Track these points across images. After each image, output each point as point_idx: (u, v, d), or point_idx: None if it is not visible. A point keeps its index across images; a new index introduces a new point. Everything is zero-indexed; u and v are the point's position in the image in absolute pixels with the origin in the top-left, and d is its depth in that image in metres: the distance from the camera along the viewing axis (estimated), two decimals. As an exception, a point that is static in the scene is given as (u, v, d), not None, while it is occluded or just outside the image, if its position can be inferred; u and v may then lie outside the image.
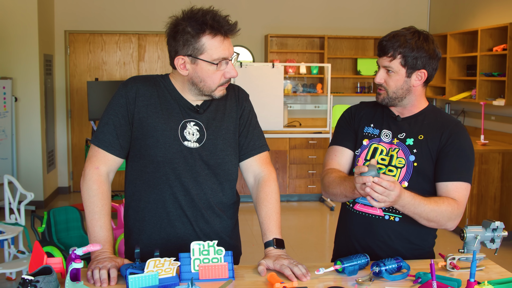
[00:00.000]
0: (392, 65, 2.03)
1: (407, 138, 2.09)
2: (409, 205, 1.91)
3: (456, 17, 7.19)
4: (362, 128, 2.17)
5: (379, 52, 2.07)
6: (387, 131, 2.13)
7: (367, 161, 2.11)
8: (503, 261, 3.52)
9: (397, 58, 2.02)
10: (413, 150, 2.07)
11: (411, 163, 2.06)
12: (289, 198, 7.30)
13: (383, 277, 1.82)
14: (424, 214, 1.94)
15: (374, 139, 2.14)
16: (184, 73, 1.92)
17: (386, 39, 2.04)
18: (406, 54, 2.01)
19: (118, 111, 1.96)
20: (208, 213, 2.01)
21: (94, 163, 1.96)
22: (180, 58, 1.90)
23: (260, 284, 1.78)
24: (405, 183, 2.06)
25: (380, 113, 2.18)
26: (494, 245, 2.03)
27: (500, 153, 5.56)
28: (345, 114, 2.26)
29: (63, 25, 7.37)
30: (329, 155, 2.22)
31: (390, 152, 2.09)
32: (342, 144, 2.19)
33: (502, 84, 5.99)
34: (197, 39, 1.86)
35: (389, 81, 2.06)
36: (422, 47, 2.01)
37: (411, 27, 2.07)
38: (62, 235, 3.92)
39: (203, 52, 1.88)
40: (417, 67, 2.03)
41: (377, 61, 2.09)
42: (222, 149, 2.01)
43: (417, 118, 2.12)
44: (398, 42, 2.01)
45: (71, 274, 1.68)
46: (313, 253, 5.21)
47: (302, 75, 7.65)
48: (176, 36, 1.89)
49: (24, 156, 6.58)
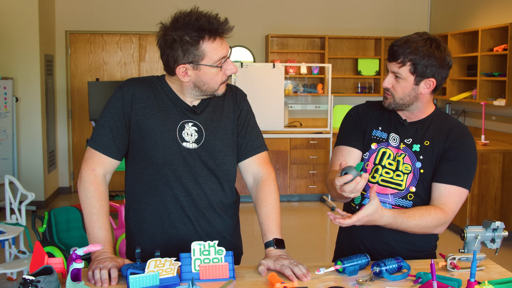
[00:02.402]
0: (401, 72, 1.98)
1: (413, 144, 2.07)
2: (393, 224, 1.91)
3: (456, 17, 7.19)
4: (370, 131, 2.13)
5: (389, 57, 2.01)
6: (395, 135, 2.10)
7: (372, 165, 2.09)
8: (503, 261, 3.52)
9: (406, 64, 1.96)
10: (419, 157, 2.05)
11: (417, 170, 2.04)
12: (290, 198, 7.30)
13: (384, 277, 1.82)
14: (410, 229, 1.95)
15: (383, 143, 2.10)
16: (186, 79, 1.92)
17: (397, 44, 1.98)
18: (416, 62, 1.95)
19: (115, 113, 1.95)
20: (210, 213, 2.01)
21: (90, 165, 1.96)
22: (181, 67, 1.89)
23: (261, 284, 1.78)
24: (413, 188, 2.05)
25: (387, 116, 2.14)
26: (495, 245, 2.03)
27: (501, 153, 5.56)
28: (352, 113, 2.20)
29: (64, 25, 7.37)
30: (336, 155, 2.16)
31: (396, 157, 2.07)
32: (350, 144, 2.13)
33: (502, 84, 5.99)
34: (197, 47, 1.85)
35: (397, 87, 2.01)
36: (433, 55, 1.95)
37: (424, 33, 1.99)
38: (63, 235, 3.92)
39: (204, 57, 1.87)
40: (426, 75, 1.97)
41: (387, 65, 2.04)
42: (220, 149, 2.01)
43: (424, 123, 2.09)
44: (410, 48, 1.94)
45: (72, 274, 1.68)
46: (314, 253, 5.21)
47: (302, 75, 7.65)
48: (173, 45, 1.86)
49: (25, 156, 6.58)
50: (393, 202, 2.06)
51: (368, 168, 2.09)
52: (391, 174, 2.07)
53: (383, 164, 2.08)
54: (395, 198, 2.06)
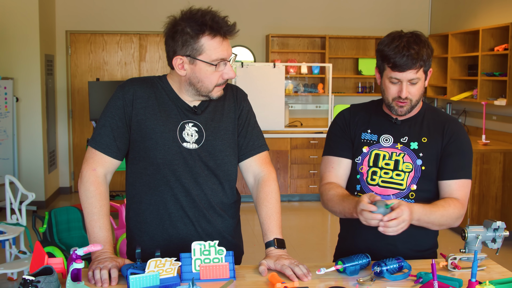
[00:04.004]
0: (418, 76, 1.96)
1: (410, 142, 2.07)
2: (423, 217, 1.91)
3: (457, 17, 7.18)
4: (359, 135, 2.12)
5: (401, 68, 1.93)
6: (387, 136, 2.10)
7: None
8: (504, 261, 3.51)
9: (421, 66, 1.95)
10: (419, 154, 2.05)
11: (419, 167, 2.05)
12: (290, 198, 7.29)
13: (384, 277, 1.82)
14: (436, 221, 1.96)
15: (374, 146, 2.10)
16: (182, 73, 1.92)
17: (405, 54, 1.91)
18: (425, 59, 1.95)
19: (115, 113, 1.95)
20: (210, 213, 2.01)
21: (91, 165, 1.96)
22: (178, 58, 1.90)
23: (261, 284, 1.78)
24: (413, 186, 2.05)
25: (375, 117, 2.13)
26: (496, 245, 2.03)
27: (502, 153, 5.56)
28: (338, 121, 2.18)
29: (64, 25, 7.37)
30: (325, 166, 2.15)
31: (394, 157, 2.07)
32: (339, 154, 2.12)
33: (503, 84, 5.98)
34: (196, 40, 1.86)
35: (414, 91, 1.99)
36: (428, 46, 1.98)
37: (399, 32, 1.99)
38: (63, 235, 3.92)
39: (202, 53, 1.88)
40: (429, 67, 2.00)
41: (395, 76, 1.96)
42: (221, 149, 2.00)
43: (416, 119, 2.10)
44: (416, 49, 1.93)
45: (72, 274, 1.68)
46: (314, 253, 5.21)
47: (303, 75, 7.65)
48: (174, 36, 1.88)
49: (26, 156, 6.58)
50: (389, 197, 2.06)
51: (363, 172, 2.09)
52: (390, 174, 2.06)
53: (380, 166, 2.07)
54: (397, 198, 2.05)
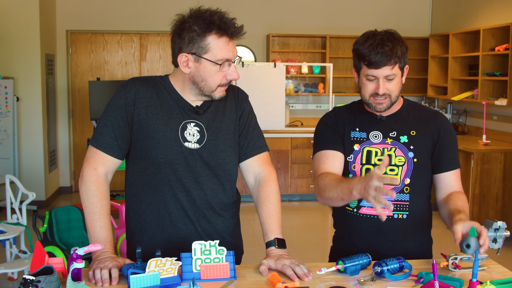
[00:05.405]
0: (394, 72, 1.99)
1: (399, 136, 2.09)
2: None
3: (458, 16, 7.18)
4: (348, 133, 2.13)
5: (376, 65, 1.96)
6: (375, 132, 2.11)
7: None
8: (505, 261, 3.51)
9: (396, 62, 1.98)
10: (410, 147, 2.08)
11: (411, 159, 2.07)
12: (291, 198, 7.29)
13: (385, 277, 1.82)
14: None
15: (365, 143, 2.10)
16: (186, 71, 1.92)
17: (380, 51, 1.95)
18: (399, 55, 1.98)
19: (117, 112, 1.95)
20: (210, 213, 2.01)
21: (92, 164, 1.95)
22: (183, 55, 1.90)
23: (262, 284, 1.78)
24: (407, 180, 2.06)
25: (360, 116, 2.14)
26: (496, 245, 2.02)
27: (502, 153, 5.56)
28: (326, 120, 2.19)
29: (64, 24, 7.37)
30: (319, 160, 2.12)
31: (386, 152, 2.08)
32: (332, 148, 2.11)
33: (504, 83, 5.98)
34: (203, 38, 1.87)
35: (391, 87, 2.02)
36: (403, 43, 2.01)
37: (374, 30, 2.02)
38: (64, 235, 3.92)
39: (207, 52, 1.88)
40: (405, 63, 2.04)
41: (372, 73, 1.99)
42: (222, 149, 2.00)
43: (401, 114, 2.13)
44: (390, 46, 1.96)
45: (72, 274, 1.68)
46: (315, 252, 5.21)
47: (303, 75, 7.65)
48: (181, 33, 1.89)
49: (26, 156, 6.58)
50: (392, 198, 2.05)
51: (356, 170, 2.10)
52: (384, 170, 2.05)
53: (373, 163, 2.08)
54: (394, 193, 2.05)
